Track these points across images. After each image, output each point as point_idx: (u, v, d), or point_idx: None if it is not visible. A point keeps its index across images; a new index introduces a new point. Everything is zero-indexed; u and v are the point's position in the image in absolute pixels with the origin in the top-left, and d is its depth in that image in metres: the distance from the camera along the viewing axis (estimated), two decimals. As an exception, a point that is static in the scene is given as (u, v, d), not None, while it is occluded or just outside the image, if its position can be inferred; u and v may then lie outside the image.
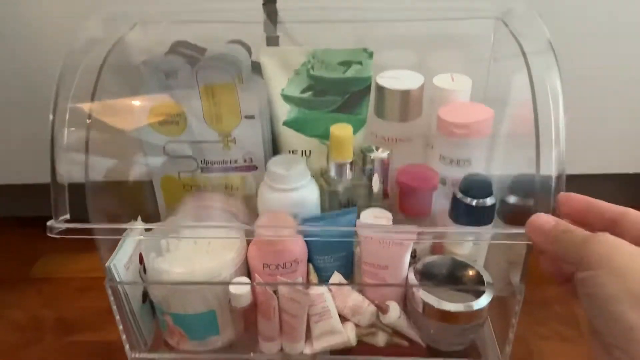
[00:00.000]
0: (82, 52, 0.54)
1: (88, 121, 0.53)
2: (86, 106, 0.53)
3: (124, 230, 0.55)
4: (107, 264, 0.53)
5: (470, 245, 0.60)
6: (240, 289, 0.55)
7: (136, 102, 0.60)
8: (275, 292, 0.55)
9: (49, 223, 0.52)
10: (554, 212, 0.44)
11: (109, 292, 0.55)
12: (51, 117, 0.51)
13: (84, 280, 0.96)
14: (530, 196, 0.50)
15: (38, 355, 0.83)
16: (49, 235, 0.52)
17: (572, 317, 0.86)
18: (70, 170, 0.52)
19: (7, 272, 0.99)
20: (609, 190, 1.01)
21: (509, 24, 0.56)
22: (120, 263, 0.55)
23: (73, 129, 0.52)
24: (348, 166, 0.60)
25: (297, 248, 0.57)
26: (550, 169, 0.46)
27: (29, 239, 1.06)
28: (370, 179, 0.62)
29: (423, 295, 0.56)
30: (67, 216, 0.51)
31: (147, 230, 0.57)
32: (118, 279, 0.54)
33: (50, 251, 1.03)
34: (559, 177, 0.46)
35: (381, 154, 0.61)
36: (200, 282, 0.54)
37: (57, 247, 1.03)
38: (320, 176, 0.62)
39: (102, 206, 0.56)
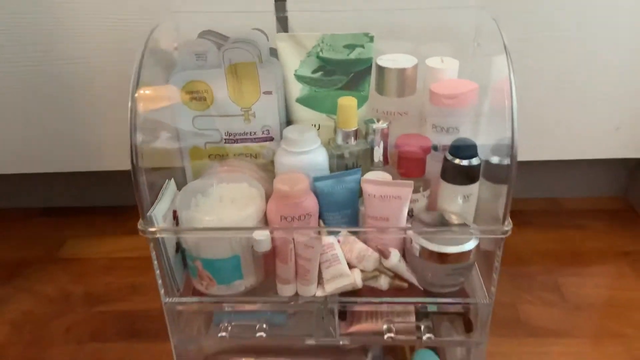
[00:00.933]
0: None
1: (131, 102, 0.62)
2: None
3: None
4: (148, 213, 0.62)
5: (460, 202, 0.69)
6: (262, 235, 0.64)
7: (170, 81, 0.70)
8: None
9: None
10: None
11: (150, 240, 0.64)
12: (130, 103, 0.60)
13: (107, 260, 1.05)
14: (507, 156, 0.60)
15: (68, 324, 0.91)
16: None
17: (555, 286, 0.95)
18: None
19: (37, 254, 1.08)
20: (584, 174, 1.11)
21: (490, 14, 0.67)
22: (159, 214, 0.64)
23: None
24: (353, 133, 0.69)
25: (310, 203, 0.66)
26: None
27: (56, 226, 1.15)
28: (372, 146, 0.71)
29: (420, 241, 0.65)
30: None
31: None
32: (157, 226, 0.63)
33: (76, 236, 1.12)
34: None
35: (381, 125, 0.71)
36: (227, 227, 0.63)
37: (82, 233, 1.12)
38: (328, 144, 0.71)
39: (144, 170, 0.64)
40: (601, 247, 1.06)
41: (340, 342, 0.71)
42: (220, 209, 0.65)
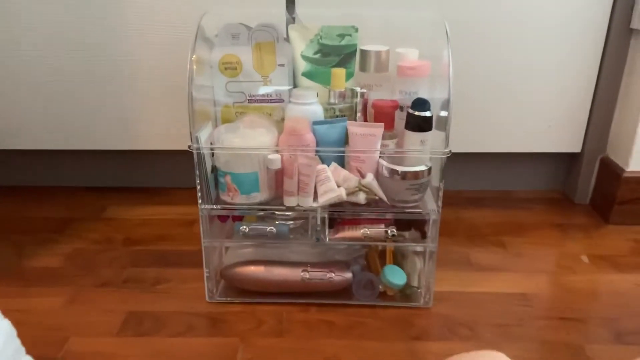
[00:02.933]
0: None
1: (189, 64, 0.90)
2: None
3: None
4: (195, 134, 0.90)
5: (419, 146, 0.96)
6: (274, 156, 0.91)
7: (212, 54, 0.99)
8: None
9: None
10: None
11: (195, 155, 0.90)
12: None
13: (141, 220, 1.30)
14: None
15: (112, 256, 1.15)
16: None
17: (500, 243, 1.20)
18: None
19: (82, 215, 1.33)
20: (531, 171, 1.39)
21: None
22: (202, 137, 0.91)
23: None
24: (342, 94, 0.98)
25: (310, 137, 0.93)
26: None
27: (97, 198, 1.41)
28: (355, 106, 0.99)
29: (389, 165, 0.92)
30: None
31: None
32: (201, 145, 0.90)
33: (114, 204, 1.37)
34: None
35: (362, 90, 0.99)
36: (249, 147, 0.90)
37: (119, 202, 1.37)
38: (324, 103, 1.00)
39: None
40: (540, 221, 1.32)
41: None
42: (246, 137, 0.93)
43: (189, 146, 0.90)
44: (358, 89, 0.98)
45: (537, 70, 1.27)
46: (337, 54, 1.01)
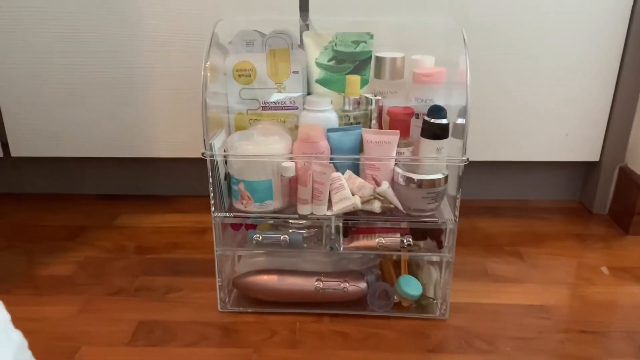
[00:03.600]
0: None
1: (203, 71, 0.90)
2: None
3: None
4: (209, 141, 0.89)
5: (434, 154, 0.95)
6: (288, 163, 0.90)
7: (226, 61, 0.98)
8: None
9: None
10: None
11: (208, 162, 0.89)
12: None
13: (154, 228, 1.30)
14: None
15: (124, 264, 1.15)
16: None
17: (517, 253, 1.18)
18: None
19: (95, 223, 1.32)
20: (548, 181, 1.37)
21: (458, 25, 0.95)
22: (216, 145, 0.90)
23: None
24: (356, 101, 0.97)
25: (324, 144, 0.92)
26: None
27: (109, 206, 1.40)
28: (370, 113, 0.98)
29: (405, 173, 0.91)
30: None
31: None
32: (214, 152, 0.89)
33: (127, 212, 1.37)
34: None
35: (377, 97, 0.98)
36: (263, 155, 0.89)
37: (132, 210, 1.37)
38: (338, 111, 0.98)
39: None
40: (557, 231, 1.30)
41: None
42: (259, 144, 0.91)
43: (203, 153, 0.89)
44: (373, 96, 0.97)
45: (553, 76, 1.25)
46: (351, 60, 1.00)
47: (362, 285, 0.97)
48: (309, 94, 1.01)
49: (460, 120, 0.93)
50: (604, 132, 1.30)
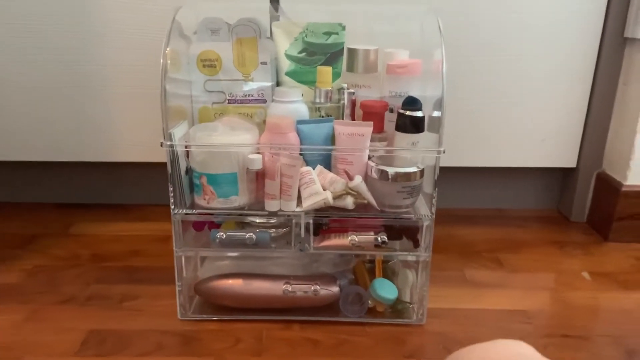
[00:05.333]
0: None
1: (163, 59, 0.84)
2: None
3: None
4: (169, 130, 0.82)
5: (410, 146, 0.90)
6: (255, 155, 0.84)
7: (190, 50, 0.92)
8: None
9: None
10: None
11: (167, 153, 0.83)
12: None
13: (111, 236, 1.22)
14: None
15: (77, 272, 1.06)
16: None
17: (496, 259, 1.13)
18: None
19: (49, 231, 1.23)
20: (525, 189, 1.33)
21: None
22: (177, 135, 0.84)
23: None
24: (328, 92, 0.92)
25: (293, 137, 0.87)
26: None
27: (66, 214, 1.31)
28: (342, 107, 0.93)
29: (379, 166, 0.85)
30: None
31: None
32: (174, 142, 0.82)
33: (84, 220, 1.28)
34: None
35: (350, 90, 0.93)
36: (228, 144, 0.83)
37: (91, 218, 1.29)
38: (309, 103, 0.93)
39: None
40: (536, 238, 1.25)
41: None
42: (223, 133, 0.85)
43: (162, 143, 0.83)
44: (345, 88, 0.92)
45: (529, 81, 1.22)
46: (323, 52, 0.96)
47: (334, 289, 0.91)
48: (278, 86, 0.96)
49: (436, 113, 0.89)
50: (580, 137, 1.27)
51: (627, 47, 1.19)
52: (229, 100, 0.95)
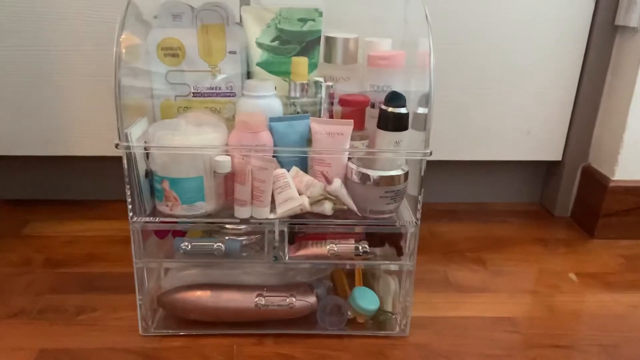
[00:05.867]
0: None
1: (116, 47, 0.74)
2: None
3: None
4: (125, 130, 0.73)
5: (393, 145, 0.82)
6: (223, 157, 0.75)
7: (149, 37, 0.83)
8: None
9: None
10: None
11: (124, 156, 0.74)
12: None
13: (67, 237, 1.12)
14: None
15: (29, 280, 0.97)
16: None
17: (479, 259, 1.08)
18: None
19: (0, 231, 1.13)
20: (506, 182, 1.28)
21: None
22: (135, 135, 0.74)
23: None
24: (304, 86, 0.83)
25: (265, 136, 0.78)
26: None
27: (18, 212, 1.21)
28: (320, 102, 0.85)
29: (360, 169, 0.78)
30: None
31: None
32: (131, 144, 0.73)
33: (37, 220, 1.18)
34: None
35: (328, 83, 0.85)
36: (192, 146, 0.74)
37: (43, 217, 1.18)
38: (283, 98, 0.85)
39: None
40: (519, 235, 1.20)
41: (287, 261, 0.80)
42: (188, 134, 0.76)
43: (117, 144, 0.73)
44: (323, 82, 0.84)
45: (514, 71, 1.16)
46: (298, 41, 0.87)
47: (311, 299, 0.84)
48: (248, 78, 0.87)
49: (421, 110, 0.82)
50: (566, 130, 1.22)
51: (618, 35, 1.13)
52: (194, 93, 0.86)
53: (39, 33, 1.08)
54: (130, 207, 0.77)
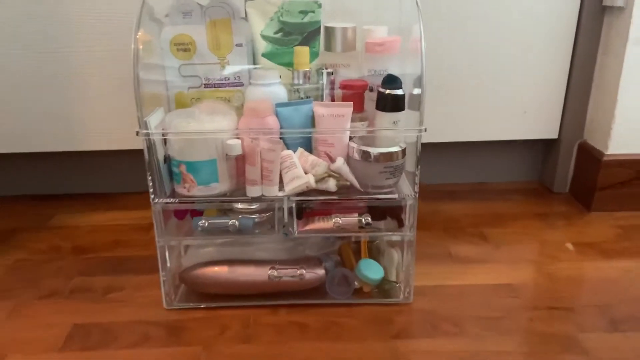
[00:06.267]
0: None
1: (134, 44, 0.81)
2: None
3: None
4: (144, 119, 0.80)
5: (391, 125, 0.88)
6: (234, 141, 0.82)
7: (162, 34, 0.90)
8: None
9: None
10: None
11: (144, 142, 0.81)
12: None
13: (92, 227, 1.20)
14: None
15: (58, 265, 1.04)
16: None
17: (480, 234, 1.13)
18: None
19: (28, 224, 1.21)
20: (507, 162, 1.33)
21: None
22: (153, 123, 0.81)
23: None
24: (306, 73, 0.90)
25: (272, 120, 0.85)
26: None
27: (44, 206, 1.29)
28: (322, 88, 0.91)
29: (361, 147, 0.84)
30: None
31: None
32: (151, 130, 0.80)
33: (63, 212, 1.26)
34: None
35: (329, 70, 0.91)
36: (206, 130, 0.81)
37: (68, 210, 1.26)
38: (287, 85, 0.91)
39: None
40: (519, 211, 1.26)
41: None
42: (202, 121, 0.83)
43: (137, 132, 0.80)
44: (324, 69, 0.90)
45: (508, 53, 1.22)
46: (299, 32, 0.93)
47: (320, 271, 0.90)
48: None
49: (416, 91, 0.88)
50: (561, 108, 1.27)
51: (606, 15, 1.18)
52: (205, 84, 0.92)
53: (63, 36, 1.15)
54: (151, 190, 0.84)
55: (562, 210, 1.26)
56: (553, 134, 1.29)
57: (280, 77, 0.90)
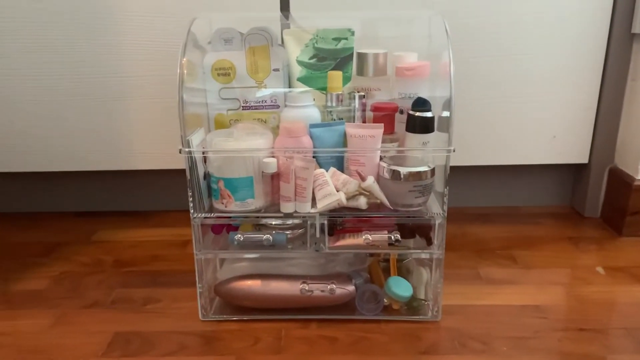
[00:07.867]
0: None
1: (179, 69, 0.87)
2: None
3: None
4: (187, 137, 0.85)
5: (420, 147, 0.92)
6: (270, 159, 0.87)
7: (205, 60, 0.95)
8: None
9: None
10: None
11: (186, 160, 0.86)
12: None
13: (133, 242, 1.25)
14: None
15: (100, 278, 1.09)
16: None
17: (510, 256, 1.15)
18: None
19: (72, 239, 1.27)
20: (538, 186, 1.34)
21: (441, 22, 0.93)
22: (194, 141, 0.87)
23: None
24: (339, 96, 0.94)
25: (306, 140, 0.89)
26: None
27: (87, 222, 1.35)
28: (353, 110, 0.96)
29: (391, 166, 0.87)
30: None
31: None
32: (192, 149, 0.85)
33: (105, 229, 1.32)
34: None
35: (360, 94, 0.96)
36: (243, 149, 0.86)
37: (110, 226, 1.32)
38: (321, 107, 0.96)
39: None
40: (550, 235, 1.26)
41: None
42: (239, 139, 0.88)
43: (180, 150, 0.86)
44: (356, 92, 0.94)
45: (538, 78, 1.24)
46: (333, 58, 0.98)
47: (350, 287, 0.93)
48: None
49: (445, 113, 0.91)
50: (591, 133, 1.28)
51: (635, 43, 1.20)
52: (243, 106, 0.98)
53: (110, 62, 1.23)
54: (191, 205, 0.88)
55: (593, 235, 1.26)
56: (583, 159, 1.30)
57: (314, 99, 0.95)
